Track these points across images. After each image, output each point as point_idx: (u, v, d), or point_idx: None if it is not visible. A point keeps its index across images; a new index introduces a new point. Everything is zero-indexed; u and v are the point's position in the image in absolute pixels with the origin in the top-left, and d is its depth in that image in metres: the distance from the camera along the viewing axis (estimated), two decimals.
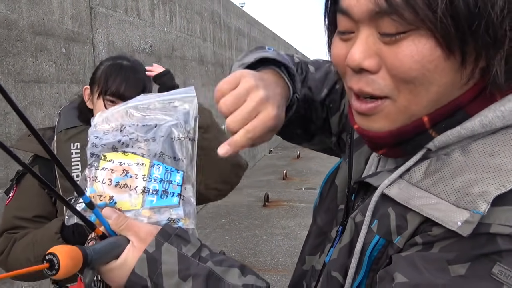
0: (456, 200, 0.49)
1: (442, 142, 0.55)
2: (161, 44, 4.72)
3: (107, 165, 0.67)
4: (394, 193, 0.55)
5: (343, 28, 0.55)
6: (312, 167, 8.53)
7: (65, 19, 3.01)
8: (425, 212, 0.51)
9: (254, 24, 10.00)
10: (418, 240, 0.52)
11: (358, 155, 0.71)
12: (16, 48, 2.53)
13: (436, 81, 0.50)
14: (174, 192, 0.69)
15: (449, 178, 0.52)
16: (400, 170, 0.57)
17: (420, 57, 0.49)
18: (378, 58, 0.52)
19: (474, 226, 0.46)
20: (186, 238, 0.65)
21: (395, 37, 0.49)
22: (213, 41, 6.78)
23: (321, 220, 0.75)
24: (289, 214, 5.61)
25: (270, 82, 0.66)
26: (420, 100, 0.52)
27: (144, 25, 4.32)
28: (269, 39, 12.09)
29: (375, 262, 0.56)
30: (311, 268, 0.74)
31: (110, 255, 0.61)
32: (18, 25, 2.54)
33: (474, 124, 0.53)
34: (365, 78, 0.53)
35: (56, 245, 0.53)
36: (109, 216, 0.64)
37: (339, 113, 0.82)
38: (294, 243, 4.61)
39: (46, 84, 2.80)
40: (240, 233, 4.96)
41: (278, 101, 0.63)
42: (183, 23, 5.45)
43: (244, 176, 1.65)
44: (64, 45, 2.99)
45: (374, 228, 0.56)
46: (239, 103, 0.60)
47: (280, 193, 6.68)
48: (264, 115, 0.60)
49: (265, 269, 4.05)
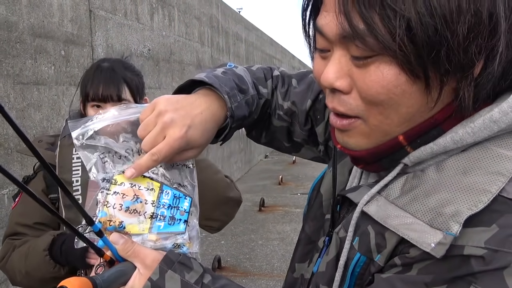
0: (430, 220, 0.50)
1: (416, 158, 0.56)
2: (159, 48, 4.73)
3: (118, 188, 0.69)
4: (373, 211, 0.56)
5: (321, 46, 0.56)
6: (308, 173, 8.54)
7: (65, 21, 3.01)
8: (401, 232, 0.52)
9: (251, 29, 10.04)
10: (397, 261, 0.53)
11: (342, 166, 0.73)
12: (16, 50, 2.53)
13: (404, 103, 0.51)
14: (181, 218, 0.71)
15: (424, 196, 0.52)
16: (378, 185, 0.58)
17: (386, 83, 0.50)
18: (349, 79, 0.53)
19: (446, 247, 0.47)
20: (189, 265, 0.66)
21: (362, 61, 0.50)
22: (211, 45, 6.80)
23: (309, 228, 0.76)
24: (285, 219, 5.61)
25: (186, 104, 0.70)
26: (391, 121, 0.53)
27: (143, 29, 4.33)
28: (267, 44, 12.13)
29: (359, 278, 0.57)
30: (300, 276, 0.75)
31: (117, 282, 0.63)
32: (18, 27, 2.55)
33: (446, 141, 0.53)
34: (338, 98, 0.55)
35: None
36: (116, 242, 0.65)
37: (324, 122, 0.84)
38: (289, 248, 4.61)
39: (45, 86, 2.80)
40: (235, 238, 4.96)
41: (190, 122, 0.68)
42: (181, 27, 5.47)
43: (240, 181, 1.67)
44: (64, 48, 2.99)
45: (356, 245, 0.58)
46: (149, 128, 0.68)
47: (276, 198, 6.69)
48: (168, 137, 0.67)
49: (261, 274, 4.05)
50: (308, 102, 0.85)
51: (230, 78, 0.77)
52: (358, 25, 0.48)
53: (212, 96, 0.74)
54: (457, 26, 0.46)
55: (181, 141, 0.67)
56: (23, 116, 2.60)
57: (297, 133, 0.88)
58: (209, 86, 0.74)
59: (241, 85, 0.78)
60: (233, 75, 0.79)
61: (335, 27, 0.51)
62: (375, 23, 0.47)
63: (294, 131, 0.89)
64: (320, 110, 0.84)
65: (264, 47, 11.62)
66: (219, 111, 0.73)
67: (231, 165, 7.68)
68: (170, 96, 0.71)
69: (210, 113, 0.72)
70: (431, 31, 0.46)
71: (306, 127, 0.87)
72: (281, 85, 0.89)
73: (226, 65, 0.84)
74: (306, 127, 0.86)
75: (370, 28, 0.47)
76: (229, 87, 0.74)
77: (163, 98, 0.70)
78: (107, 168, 0.70)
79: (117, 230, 0.67)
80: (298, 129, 0.87)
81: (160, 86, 4.74)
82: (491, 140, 0.52)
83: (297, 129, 0.88)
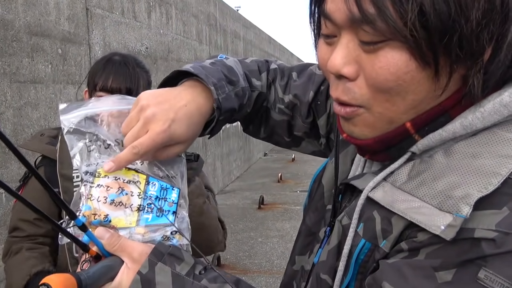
0: (439, 203, 0.49)
1: (425, 146, 0.55)
2: (157, 46, 4.72)
3: (102, 181, 0.66)
4: (379, 197, 0.55)
5: (327, 32, 0.55)
6: (307, 170, 8.54)
7: (62, 20, 3.00)
8: (409, 216, 0.51)
9: (249, 27, 10.02)
10: (404, 246, 0.52)
11: (344, 155, 0.72)
12: (12, 48, 2.52)
13: (412, 90, 0.50)
14: (170, 210, 0.68)
15: (432, 180, 0.52)
16: (384, 172, 0.57)
17: (395, 69, 0.49)
18: (357, 66, 0.52)
19: (457, 229, 0.46)
20: (180, 256, 0.63)
21: (371, 46, 0.49)
22: (209, 43, 6.79)
23: (309, 220, 0.75)
24: (284, 217, 5.61)
25: (170, 98, 0.68)
26: (396, 108, 0.52)
27: (141, 27, 4.32)
28: (265, 42, 12.12)
29: (363, 265, 0.56)
30: (300, 268, 0.74)
31: (104, 278, 0.60)
32: (15, 25, 2.54)
33: (455, 126, 0.53)
34: (343, 86, 0.54)
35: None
36: (102, 236, 0.63)
37: (326, 114, 0.83)
38: (289, 245, 4.61)
39: (42, 85, 2.79)
40: (235, 236, 4.96)
41: (173, 115, 0.66)
42: (179, 25, 5.46)
43: (239, 179, 1.65)
44: (60, 46, 2.98)
45: (360, 231, 0.57)
46: (132, 124, 0.67)
47: (275, 195, 6.68)
48: (151, 131, 0.65)
49: (260, 271, 4.05)
50: (310, 93, 0.83)
51: (218, 69, 0.75)
52: (368, 9, 0.47)
53: (198, 88, 0.71)
54: (471, 11, 0.45)
55: (164, 135, 0.65)
56: (20, 114, 2.59)
57: (298, 126, 0.87)
58: (196, 77, 0.72)
59: (231, 76, 0.75)
60: (222, 66, 0.77)
61: (344, 11, 0.49)
62: (386, 7, 0.46)
63: (295, 124, 0.87)
64: (322, 101, 0.83)
65: (262, 45, 11.61)
66: (206, 103, 0.71)
67: (230, 163, 7.67)
68: (153, 91, 0.70)
69: (195, 106, 0.69)
70: (444, 17, 0.45)
71: (308, 120, 0.85)
72: (280, 78, 0.87)
73: (217, 57, 0.82)
74: (308, 119, 0.85)
75: (380, 12, 0.46)
76: (217, 78, 0.72)
77: (146, 93, 0.69)
78: (91, 158, 0.68)
79: (102, 224, 0.64)
80: (300, 122, 0.86)
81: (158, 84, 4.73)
82: (500, 126, 0.52)
83: (298, 122, 0.86)
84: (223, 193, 6.70)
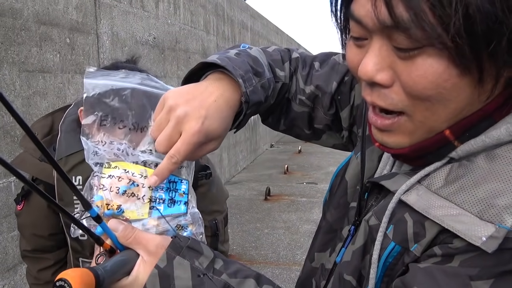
0: (479, 212, 0.46)
1: (465, 152, 0.52)
2: (164, 36, 4.70)
3: (113, 172, 0.64)
4: (413, 201, 0.52)
5: (357, 34, 0.51)
6: (313, 162, 8.53)
7: (70, 9, 2.99)
8: (446, 224, 0.48)
9: (257, 17, 9.96)
10: (437, 251, 0.49)
11: (370, 152, 0.68)
12: (21, 38, 2.52)
13: (454, 98, 0.47)
14: (181, 200, 0.67)
15: (472, 186, 0.48)
16: (418, 175, 0.54)
17: (435, 77, 0.45)
18: (391, 72, 0.48)
19: (499, 242, 0.43)
20: (199, 249, 0.61)
21: (408, 52, 0.46)
22: (217, 34, 6.76)
23: (331, 216, 0.72)
24: (291, 208, 5.61)
25: (198, 94, 0.65)
26: (438, 117, 0.49)
27: (148, 17, 4.30)
28: (272, 33, 12.04)
29: (390, 268, 0.54)
30: (320, 266, 0.72)
31: (120, 272, 0.58)
32: (23, 14, 2.53)
33: (500, 133, 0.50)
34: (377, 92, 0.51)
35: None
36: (115, 228, 0.60)
37: (349, 106, 0.79)
38: (295, 237, 4.62)
39: (50, 74, 2.79)
40: (241, 227, 4.97)
41: (205, 112, 0.63)
42: (187, 15, 5.43)
43: (246, 170, 1.65)
44: (69, 35, 2.98)
45: (390, 234, 0.54)
46: (162, 127, 0.63)
47: (282, 187, 6.68)
48: (185, 134, 0.61)
49: (266, 262, 4.06)
50: (333, 84, 0.79)
51: (244, 60, 0.71)
52: (402, 14, 0.43)
53: (225, 81, 0.68)
54: None
55: (200, 135, 0.62)
56: (29, 104, 2.60)
57: (318, 118, 0.83)
58: (222, 70, 0.69)
59: (257, 67, 0.72)
60: (248, 57, 0.73)
61: (374, 16, 0.45)
62: (422, 12, 0.42)
63: (316, 116, 0.83)
64: (345, 93, 0.79)
65: (270, 36, 11.54)
66: (234, 96, 0.67)
67: (236, 154, 7.67)
68: (179, 88, 0.66)
69: (224, 100, 0.66)
70: (491, 20, 0.41)
71: (330, 112, 0.81)
72: (301, 68, 0.83)
73: (239, 46, 0.78)
74: (330, 111, 0.81)
75: (416, 18, 0.42)
76: (244, 70, 0.68)
77: (171, 92, 0.65)
78: (100, 134, 0.66)
79: (115, 215, 0.63)
80: (321, 114, 0.82)
81: (166, 75, 4.72)
82: None
83: (320, 114, 0.82)
84: (230, 184, 6.71)
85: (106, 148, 0.66)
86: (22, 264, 2.48)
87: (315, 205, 5.64)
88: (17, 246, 2.40)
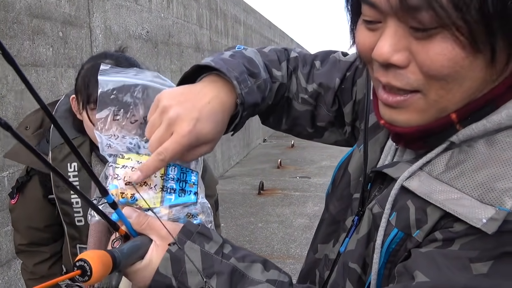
0: (480, 195, 0.48)
1: (466, 136, 0.53)
2: (157, 30, 4.68)
3: (128, 163, 0.68)
4: (415, 186, 0.54)
5: (369, 18, 0.51)
6: (306, 156, 8.55)
7: (62, 2, 2.97)
8: (448, 208, 0.49)
9: (250, 12, 9.92)
10: (438, 236, 0.51)
11: (373, 143, 0.70)
12: (13, 31, 2.49)
13: (470, 77, 0.48)
14: (191, 190, 0.70)
15: (473, 171, 0.50)
16: (420, 161, 0.55)
17: (452, 56, 0.46)
18: (407, 53, 0.49)
19: (499, 223, 0.45)
20: (208, 235, 0.64)
21: (426, 32, 0.46)
22: (210, 28, 6.73)
23: (334, 208, 0.73)
24: (284, 202, 5.64)
25: (191, 96, 0.65)
26: (452, 96, 0.50)
27: (141, 11, 4.27)
28: (265, 28, 12.01)
29: (393, 254, 0.55)
30: (324, 256, 0.73)
31: (135, 256, 0.62)
32: (15, 7, 2.51)
33: (500, 117, 0.51)
34: (393, 72, 0.51)
35: None
36: (129, 215, 0.63)
37: (352, 102, 0.80)
38: (289, 230, 4.64)
39: (43, 68, 2.77)
40: (235, 221, 4.98)
41: (198, 114, 0.63)
42: (180, 9, 5.40)
43: (239, 165, 1.65)
44: (61, 29, 2.95)
45: (393, 220, 0.55)
46: (155, 128, 0.64)
47: (275, 181, 6.70)
48: (175, 134, 0.62)
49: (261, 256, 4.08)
50: (336, 80, 0.80)
51: (239, 61, 0.71)
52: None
53: (220, 83, 0.68)
54: None
55: (190, 136, 0.62)
56: (22, 98, 2.57)
57: (321, 116, 0.84)
58: (216, 72, 0.69)
59: (252, 68, 0.72)
60: (242, 58, 0.73)
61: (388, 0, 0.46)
62: None
63: (318, 114, 0.84)
64: (347, 89, 0.80)
65: (262, 30, 11.51)
66: (229, 98, 0.67)
67: (230, 149, 7.67)
68: (173, 89, 0.67)
69: (218, 102, 0.66)
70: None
71: (334, 108, 0.82)
72: (302, 66, 0.83)
73: (235, 48, 0.78)
74: (333, 108, 0.82)
75: (431, 0, 0.43)
76: (238, 71, 0.68)
77: (165, 93, 0.66)
78: (113, 128, 0.70)
79: (129, 203, 0.66)
80: (324, 111, 0.83)
81: (159, 69, 4.69)
82: None
83: (323, 111, 0.83)
84: (223, 179, 6.70)
85: (119, 141, 0.70)
86: (16, 259, 2.47)
87: (308, 199, 5.67)
88: (11, 241, 2.39)
